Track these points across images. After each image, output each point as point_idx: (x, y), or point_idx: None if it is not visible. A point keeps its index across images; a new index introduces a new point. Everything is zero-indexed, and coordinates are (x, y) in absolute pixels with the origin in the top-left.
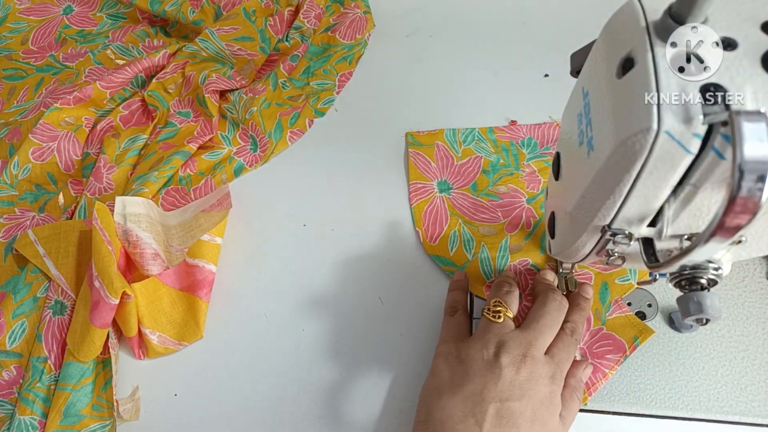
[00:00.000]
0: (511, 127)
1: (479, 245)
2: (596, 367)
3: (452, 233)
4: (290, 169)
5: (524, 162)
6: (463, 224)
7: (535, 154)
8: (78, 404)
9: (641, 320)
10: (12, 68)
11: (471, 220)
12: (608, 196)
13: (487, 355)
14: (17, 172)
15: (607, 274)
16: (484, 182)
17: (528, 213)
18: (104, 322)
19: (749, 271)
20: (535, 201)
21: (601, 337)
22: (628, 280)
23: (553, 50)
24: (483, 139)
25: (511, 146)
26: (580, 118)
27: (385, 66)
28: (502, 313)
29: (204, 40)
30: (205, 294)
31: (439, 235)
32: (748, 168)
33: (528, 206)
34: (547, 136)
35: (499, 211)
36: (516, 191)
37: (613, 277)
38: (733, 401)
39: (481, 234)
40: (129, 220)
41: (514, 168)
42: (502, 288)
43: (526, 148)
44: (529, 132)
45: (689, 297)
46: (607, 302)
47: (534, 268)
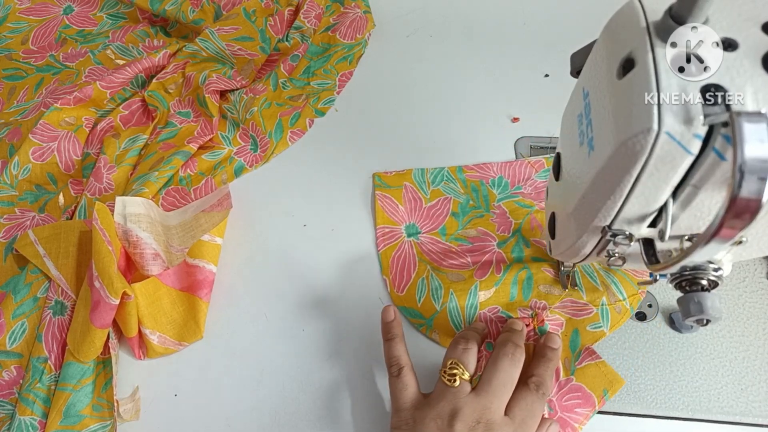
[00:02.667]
0: (481, 166)
1: (447, 293)
2: (565, 420)
3: (420, 281)
4: (291, 169)
5: (494, 203)
6: (431, 271)
7: (506, 194)
8: (78, 404)
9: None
10: (12, 68)
11: (440, 267)
12: (609, 197)
13: (442, 425)
14: (17, 172)
15: (579, 321)
16: (453, 225)
17: (498, 257)
18: (104, 322)
19: (749, 271)
20: (505, 245)
21: (570, 389)
22: (600, 328)
23: (553, 50)
24: (452, 179)
25: (481, 186)
26: (580, 119)
27: (385, 66)
28: (458, 375)
29: (204, 40)
30: (205, 294)
31: (407, 284)
32: (748, 169)
33: (498, 250)
34: (518, 175)
35: (468, 256)
36: (486, 234)
37: (585, 324)
38: (733, 401)
39: (450, 281)
40: (129, 221)
41: (484, 209)
42: (458, 345)
43: (497, 187)
44: (500, 170)
45: (690, 298)
46: (577, 350)
47: (505, 315)
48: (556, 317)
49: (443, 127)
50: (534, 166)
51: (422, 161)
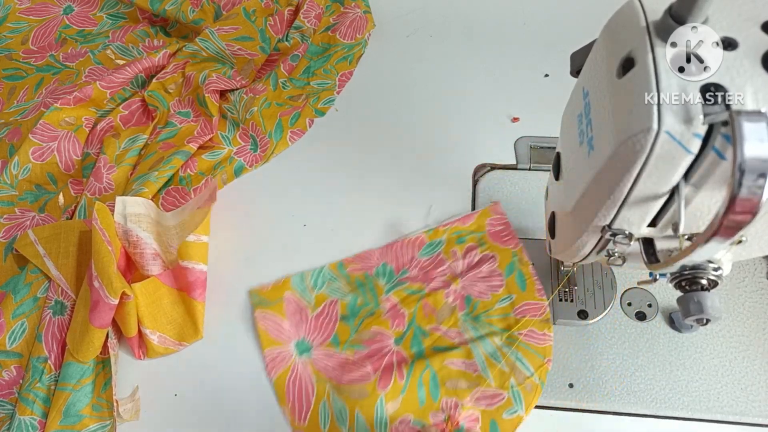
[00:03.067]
0: (361, 256)
1: (353, 414)
2: None
3: (322, 405)
4: (290, 169)
5: (383, 296)
6: (332, 390)
7: (393, 283)
8: (78, 404)
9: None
10: (12, 68)
11: (340, 384)
12: (608, 196)
13: None
14: (17, 172)
15: (494, 410)
16: (345, 331)
17: (399, 357)
18: (104, 322)
19: (749, 271)
20: (403, 341)
21: None
22: (516, 412)
23: (553, 50)
24: (334, 277)
25: (366, 279)
26: (580, 118)
27: (385, 66)
28: None
29: (204, 40)
30: (199, 294)
31: (308, 412)
32: (748, 168)
33: (397, 349)
34: (401, 259)
35: (368, 364)
36: (381, 334)
37: (500, 412)
38: (733, 401)
39: (353, 399)
40: (129, 220)
41: (374, 305)
42: None
43: (382, 278)
44: (382, 257)
45: (690, 297)
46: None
47: (417, 424)
48: (470, 413)
49: (443, 127)
50: (415, 244)
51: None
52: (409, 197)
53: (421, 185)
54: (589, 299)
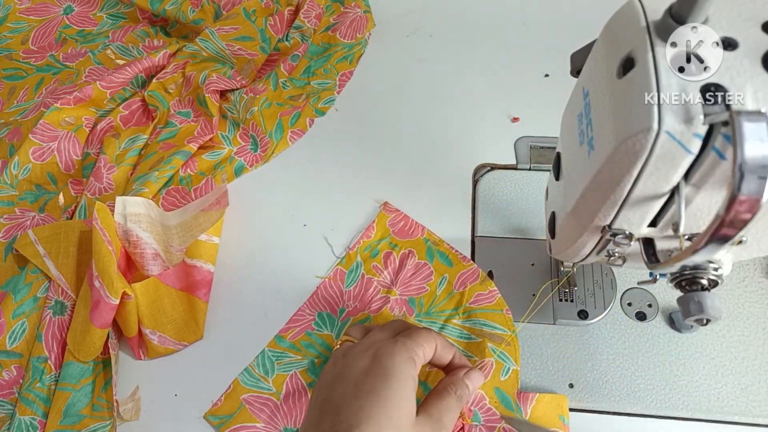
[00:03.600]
0: (294, 319)
1: None
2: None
3: None
4: (291, 169)
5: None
6: None
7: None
8: (78, 404)
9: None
10: (12, 68)
11: None
12: (608, 196)
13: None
14: (17, 172)
15: (491, 379)
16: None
17: None
18: (104, 322)
19: (749, 271)
20: None
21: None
22: (510, 369)
23: (553, 50)
24: (279, 354)
25: (310, 337)
26: (580, 118)
27: (385, 66)
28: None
29: (204, 40)
30: (204, 294)
31: None
32: (748, 168)
33: None
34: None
35: None
36: None
37: (497, 378)
38: (733, 401)
39: None
40: (129, 220)
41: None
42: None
43: (325, 327)
44: (313, 309)
45: (690, 297)
46: (513, 403)
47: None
48: (474, 395)
49: (443, 127)
50: (336, 279)
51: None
52: (409, 197)
53: (421, 185)
54: (589, 299)
